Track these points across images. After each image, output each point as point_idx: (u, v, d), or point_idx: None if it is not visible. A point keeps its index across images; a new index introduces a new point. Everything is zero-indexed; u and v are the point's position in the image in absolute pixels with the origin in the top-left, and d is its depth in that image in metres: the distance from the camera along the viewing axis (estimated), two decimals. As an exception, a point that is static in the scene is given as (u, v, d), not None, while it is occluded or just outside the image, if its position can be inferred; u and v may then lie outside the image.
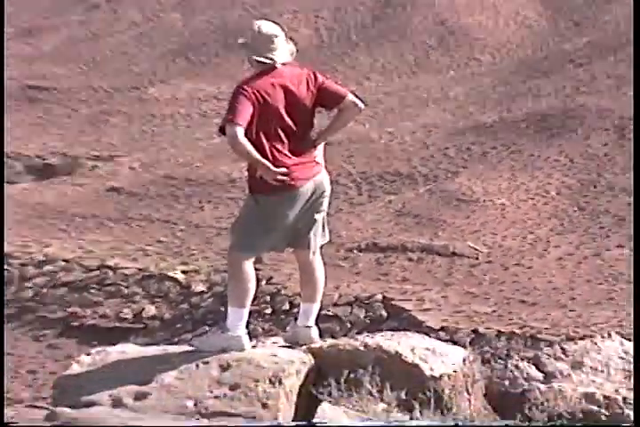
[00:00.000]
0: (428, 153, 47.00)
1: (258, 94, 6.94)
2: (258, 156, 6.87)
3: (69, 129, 58.59)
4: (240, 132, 6.80)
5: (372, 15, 64.93)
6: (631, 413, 7.00)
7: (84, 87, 63.45)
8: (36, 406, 22.58)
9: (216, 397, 6.81)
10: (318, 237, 7.42)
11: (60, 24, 73.86)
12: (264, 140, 6.99)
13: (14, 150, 56.04)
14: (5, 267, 41.01)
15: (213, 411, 6.78)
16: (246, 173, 7.24)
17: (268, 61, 7.04)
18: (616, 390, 7.12)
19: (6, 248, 41.94)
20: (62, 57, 68.40)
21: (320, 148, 7.30)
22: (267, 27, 7.11)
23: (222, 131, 6.98)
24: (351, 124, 7.96)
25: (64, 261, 40.73)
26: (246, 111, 6.87)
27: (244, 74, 7.28)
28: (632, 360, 7.36)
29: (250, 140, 6.87)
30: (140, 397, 6.87)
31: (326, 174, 7.37)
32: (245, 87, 6.96)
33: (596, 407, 7.03)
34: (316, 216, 7.36)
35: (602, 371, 7.31)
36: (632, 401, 7.05)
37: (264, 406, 6.85)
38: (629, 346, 7.56)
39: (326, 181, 7.36)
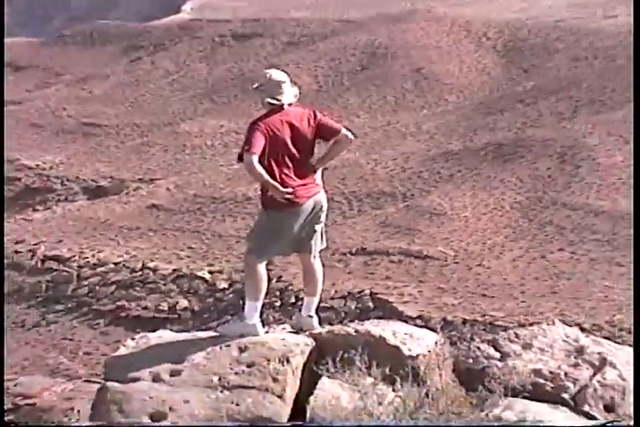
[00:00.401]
0: (406, 175, 46.77)
1: (269, 129, 6.93)
2: (269, 178, 6.86)
3: (117, 157, 58.32)
4: (255, 159, 6.79)
5: (360, 65, 64.67)
6: (571, 385, 6.92)
7: (128, 124, 63.16)
8: (90, 381, 22.53)
9: (236, 373, 6.74)
10: (318, 244, 7.36)
11: (109, 73, 73.58)
12: (274, 166, 6.96)
13: (72, 175, 55.86)
14: (66, 269, 40.88)
15: (233, 384, 6.73)
16: (259, 193, 7.22)
17: (276, 102, 7.02)
18: (559, 367, 7.03)
19: (66, 254, 41.85)
20: (111, 99, 68.10)
21: (319, 172, 7.27)
22: (276, 74, 7.11)
23: (240, 158, 6.94)
24: (344, 153, 7.88)
25: (113, 263, 40.60)
26: (260, 143, 6.85)
27: (257, 112, 7.23)
28: (574, 343, 7.32)
29: (263, 165, 6.84)
30: (174, 373, 6.80)
31: (324, 193, 7.31)
32: (259, 123, 6.96)
33: (542, 380, 6.94)
34: (316, 227, 7.30)
35: (547, 351, 7.22)
36: (573, 375, 6.98)
37: (274, 380, 6.81)
38: (570, 331, 7.45)
39: (324, 199, 7.30)
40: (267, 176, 6.87)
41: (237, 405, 6.66)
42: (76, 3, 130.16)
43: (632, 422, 6.31)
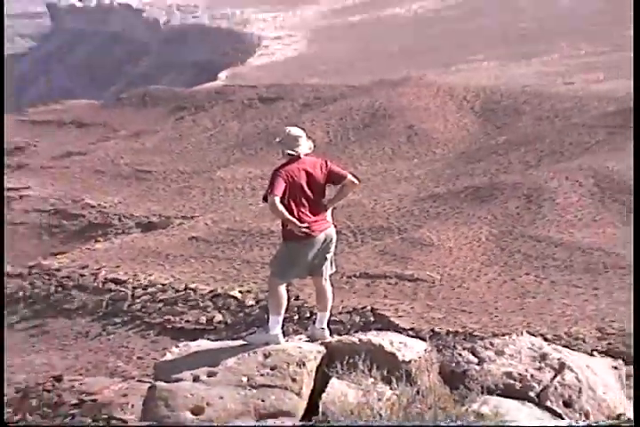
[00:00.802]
0: (401, 213, 46.61)
1: (288, 175, 6.96)
2: (289, 215, 6.89)
3: (164, 198, 58.34)
4: (277, 200, 6.82)
5: (363, 123, 64.65)
6: (536, 385, 6.88)
7: (173, 170, 63.19)
8: (142, 381, 22.37)
9: (261, 374, 6.71)
10: (328, 269, 7.33)
11: (159, 129, 73.76)
12: (293, 205, 6.97)
13: (128, 212, 55.96)
14: (122, 289, 40.82)
15: (259, 384, 6.72)
16: (281, 227, 7.19)
17: (294, 153, 7.06)
18: (526, 370, 6.96)
19: (123, 277, 41.81)
20: (159, 150, 68.18)
21: (329, 210, 7.25)
22: (294, 130, 7.15)
23: (265, 199, 6.97)
24: (350, 195, 7.92)
25: (161, 284, 40.50)
26: (281, 186, 6.88)
27: (279, 161, 7.24)
28: (539, 351, 7.18)
29: (283, 204, 6.87)
30: (210, 375, 6.76)
31: (333, 228, 7.31)
32: (280, 170, 7.01)
33: (512, 381, 6.88)
34: (327, 255, 7.28)
35: (516, 357, 7.15)
36: (537, 377, 6.92)
37: (293, 380, 6.81)
38: (535, 340, 7.39)
39: (333, 232, 7.31)
40: (287, 214, 6.89)
41: (263, 401, 6.64)
42: (132, 70, 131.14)
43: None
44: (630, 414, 6.47)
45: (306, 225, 6.95)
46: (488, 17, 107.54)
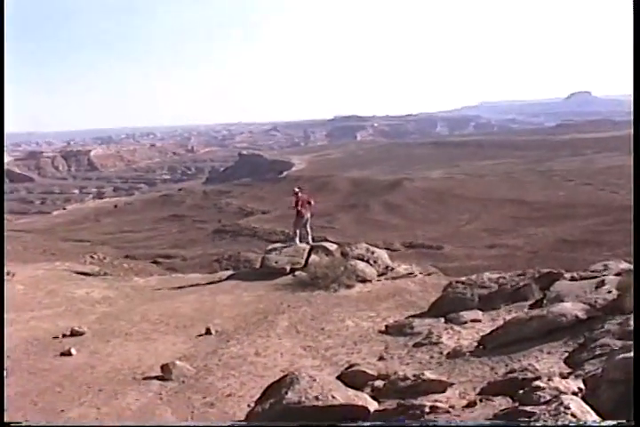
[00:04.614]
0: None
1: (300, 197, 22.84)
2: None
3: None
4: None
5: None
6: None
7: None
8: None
9: (294, 252, 22.42)
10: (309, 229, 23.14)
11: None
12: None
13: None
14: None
15: (291, 255, 22.32)
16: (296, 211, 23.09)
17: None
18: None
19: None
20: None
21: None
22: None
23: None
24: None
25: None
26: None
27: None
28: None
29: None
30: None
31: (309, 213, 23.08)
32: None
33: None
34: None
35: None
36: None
37: (301, 254, 22.03)
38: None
39: (309, 215, 23.03)
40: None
41: (295, 258, 22.32)
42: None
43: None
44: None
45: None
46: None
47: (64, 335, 14.75)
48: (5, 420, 8.62)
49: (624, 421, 5.70)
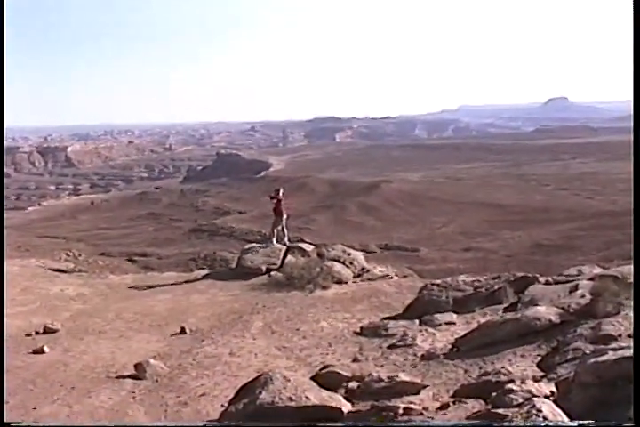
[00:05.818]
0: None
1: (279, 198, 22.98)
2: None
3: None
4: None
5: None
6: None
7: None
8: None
9: (269, 253, 22.53)
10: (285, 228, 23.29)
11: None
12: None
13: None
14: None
15: (272, 256, 22.44)
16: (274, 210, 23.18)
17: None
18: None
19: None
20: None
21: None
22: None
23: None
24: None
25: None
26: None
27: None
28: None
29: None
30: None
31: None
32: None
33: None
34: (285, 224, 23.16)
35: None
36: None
37: (277, 255, 22.34)
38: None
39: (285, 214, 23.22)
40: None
41: (271, 259, 22.43)
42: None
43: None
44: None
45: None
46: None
47: (37, 333, 14.70)
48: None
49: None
